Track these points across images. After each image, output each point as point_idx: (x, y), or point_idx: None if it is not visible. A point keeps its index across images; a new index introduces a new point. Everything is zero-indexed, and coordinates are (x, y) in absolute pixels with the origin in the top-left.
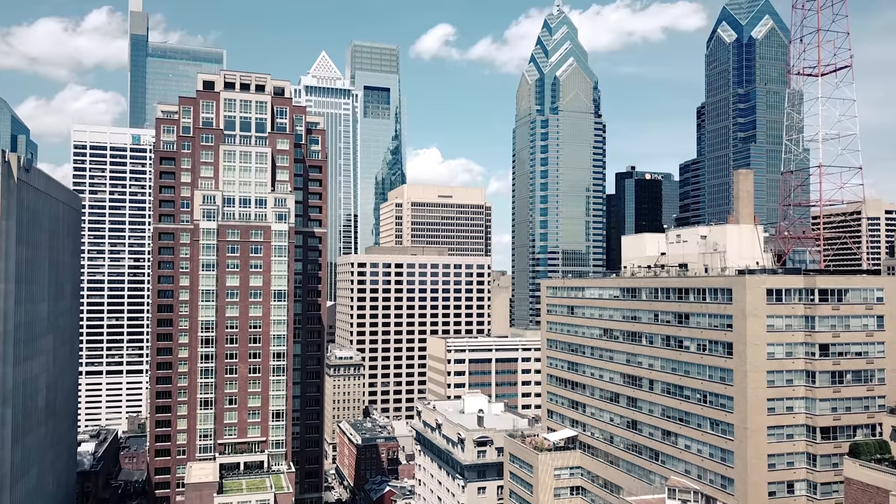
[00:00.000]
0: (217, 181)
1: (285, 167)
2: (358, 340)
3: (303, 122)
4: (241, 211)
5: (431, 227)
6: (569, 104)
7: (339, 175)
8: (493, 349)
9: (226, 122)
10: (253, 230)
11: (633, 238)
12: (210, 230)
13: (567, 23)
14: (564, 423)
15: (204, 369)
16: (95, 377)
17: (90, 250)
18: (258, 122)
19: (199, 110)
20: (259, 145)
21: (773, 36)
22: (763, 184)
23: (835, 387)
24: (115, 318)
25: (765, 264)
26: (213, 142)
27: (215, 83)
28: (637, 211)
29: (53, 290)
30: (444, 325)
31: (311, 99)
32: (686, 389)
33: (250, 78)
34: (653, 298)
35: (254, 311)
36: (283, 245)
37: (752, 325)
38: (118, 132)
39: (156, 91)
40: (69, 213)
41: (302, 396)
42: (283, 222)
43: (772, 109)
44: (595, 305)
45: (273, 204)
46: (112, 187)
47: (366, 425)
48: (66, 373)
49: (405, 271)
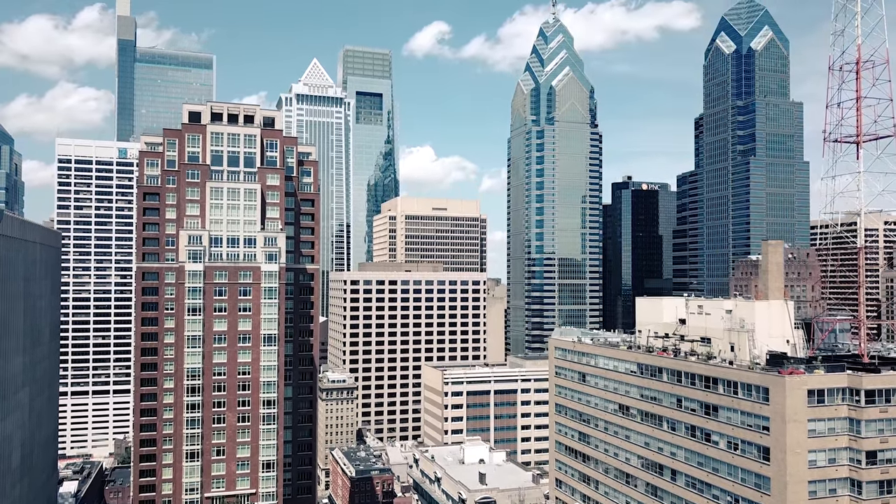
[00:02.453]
0: (204, 220)
1: (275, 203)
2: (351, 360)
3: (294, 153)
4: (230, 251)
5: (426, 241)
6: (565, 114)
7: (331, 185)
8: (492, 380)
9: (213, 156)
10: (242, 271)
11: (648, 301)
12: (196, 272)
13: (563, 31)
14: (575, 498)
15: (190, 419)
16: (81, 397)
17: (75, 267)
18: (247, 157)
19: (184, 144)
20: (248, 181)
21: (772, 47)
22: (763, 198)
23: (883, 497)
24: (101, 336)
25: (795, 342)
26: (200, 178)
27: (202, 114)
28: (633, 222)
29: (30, 339)
30: (440, 342)
31: (302, 107)
32: (714, 489)
33: (239, 109)
34: (675, 382)
35: (243, 356)
36: (274, 286)
37: (793, 431)
38: (104, 145)
39: (144, 97)
40: (47, 252)
41: (293, 441)
42: (274, 262)
43: (771, 122)
44: (609, 377)
45: (263, 243)
46: (98, 202)
47: (359, 454)
48: (45, 422)
49: (399, 288)
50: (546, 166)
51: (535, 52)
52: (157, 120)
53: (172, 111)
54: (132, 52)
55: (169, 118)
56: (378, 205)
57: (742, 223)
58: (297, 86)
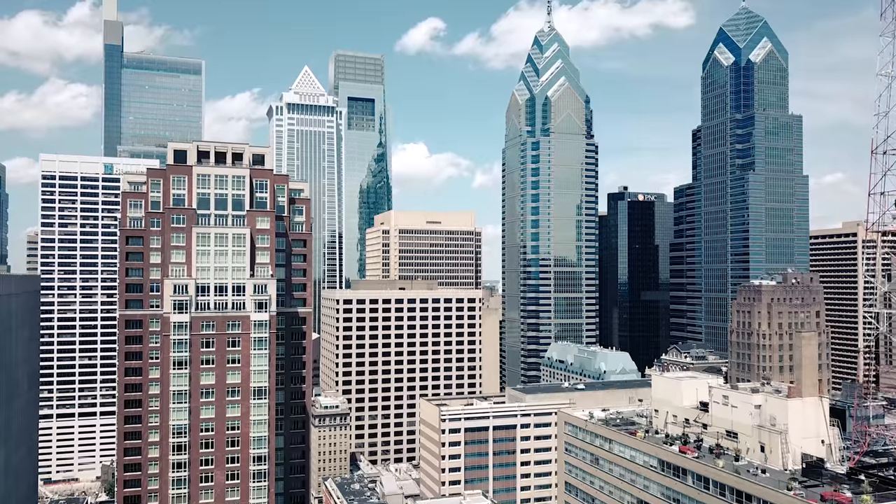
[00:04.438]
0: (190, 267)
1: (266, 248)
2: (344, 381)
3: (285, 191)
4: (217, 299)
5: (420, 255)
6: (560, 125)
7: (322, 195)
8: (490, 416)
9: (199, 199)
10: (230, 321)
11: (666, 380)
12: (182, 324)
13: (558, 40)
14: None
15: (176, 479)
16: (67, 420)
17: (60, 286)
18: (235, 199)
19: (169, 186)
20: (237, 225)
21: (772, 59)
22: (762, 213)
23: None
24: (87, 358)
25: (830, 441)
26: (185, 223)
27: (187, 153)
28: (630, 233)
29: (5, 394)
30: (435, 362)
31: (293, 117)
32: None
33: (227, 147)
34: (702, 488)
35: (231, 410)
36: (264, 337)
37: None
38: (89, 161)
39: (132, 105)
40: (24, 300)
41: (285, 493)
42: (264, 311)
43: (771, 136)
44: (626, 466)
45: (252, 291)
46: (84, 219)
47: (353, 486)
48: (22, 480)
49: (393, 307)
50: (541, 178)
51: (530, 61)
52: (146, 127)
53: (161, 118)
54: (119, 58)
55: (157, 125)
56: (370, 209)
57: (741, 238)
58: (287, 94)
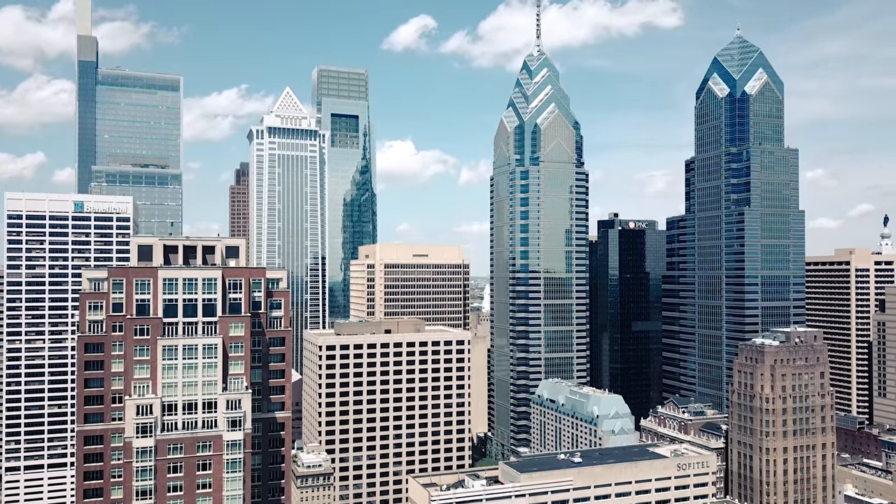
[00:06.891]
0: (155, 383)
1: (240, 357)
2: (328, 431)
3: (261, 285)
4: (186, 419)
5: (406, 290)
6: (550, 154)
7: (305, 222)
8: (484, 500)
9: (165, 306)
10: (200, 443)
11: None
12: (146, 449)
13: (548, 65)
14: None
15: None
16: (36, 472)
17: (28, 332)
18: (206, 305)
19: (132, 290)
20: (208, 334)
21: (767, 91)
22: (757, 250)
23: None
24: (57, 406)
25: None
26: (150, 333)
27: (153, 249)
28: (621, 262)
29: None
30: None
31: (274, 141)
32: None
33: (197, 242)
34: None
35: None
36: (238, 458)
37: None
38: (57, 199)
39: (106, 123)
40: None
41: None
42: (238, 429)
43: (767, 171)
44: None
45: (225, 407)
46: (52, 260)
47: None
48: None
49: (378, 352)
50: (531, 208)
51: (519, 86)
52: (121, 145)
53: (137, 135)
54: (93, 75)
55: (134, 143)
56: (354, 223)
57: (736, 276)
58: (268, 118)
